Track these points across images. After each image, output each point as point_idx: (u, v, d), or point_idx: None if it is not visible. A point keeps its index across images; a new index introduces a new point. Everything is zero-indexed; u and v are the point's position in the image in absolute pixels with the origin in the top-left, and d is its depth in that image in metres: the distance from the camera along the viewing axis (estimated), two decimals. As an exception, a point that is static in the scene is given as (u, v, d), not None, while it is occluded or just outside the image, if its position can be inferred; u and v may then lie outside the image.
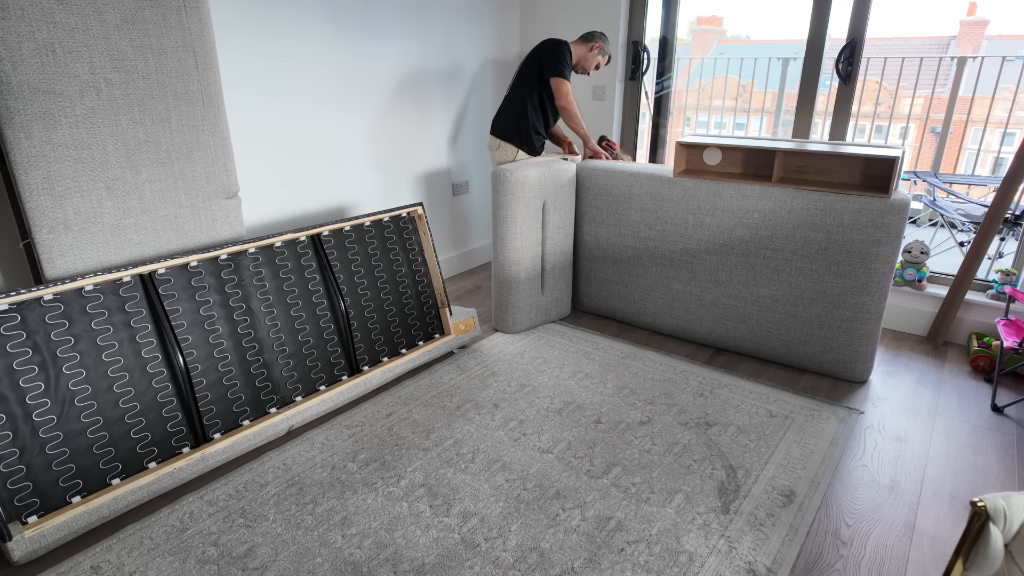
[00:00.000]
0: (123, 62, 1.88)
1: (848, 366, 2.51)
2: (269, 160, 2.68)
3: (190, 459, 1.88)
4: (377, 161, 3.17)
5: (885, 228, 2.28)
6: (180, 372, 1.91)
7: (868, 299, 2.38)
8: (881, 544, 1.69)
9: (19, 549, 1.56)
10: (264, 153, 2.66)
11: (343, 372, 2.32)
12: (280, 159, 2.73)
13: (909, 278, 2.95)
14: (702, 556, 1.62)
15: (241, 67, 2.48)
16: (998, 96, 4.14)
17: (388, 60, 3.08)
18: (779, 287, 2.56)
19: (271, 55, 2.58)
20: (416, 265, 2.60)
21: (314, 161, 2.87)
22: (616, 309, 3.08)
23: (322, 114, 2.84)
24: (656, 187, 2.75)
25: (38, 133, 1.75)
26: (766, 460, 2.01)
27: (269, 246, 2.16)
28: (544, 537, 1.68)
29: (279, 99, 2.65)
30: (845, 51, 2.88)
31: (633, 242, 2.89)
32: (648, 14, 3.47)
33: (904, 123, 5.50)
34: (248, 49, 2.49)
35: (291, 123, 2.73)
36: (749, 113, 6.09)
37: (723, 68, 4.97)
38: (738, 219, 2.57)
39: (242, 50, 2.47)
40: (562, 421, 2.22)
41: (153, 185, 2.02)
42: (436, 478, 1.91)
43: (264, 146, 2.65)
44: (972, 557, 0.95)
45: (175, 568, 1.58)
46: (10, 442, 1.60)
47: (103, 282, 1.80)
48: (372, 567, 1.58)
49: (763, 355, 2.70)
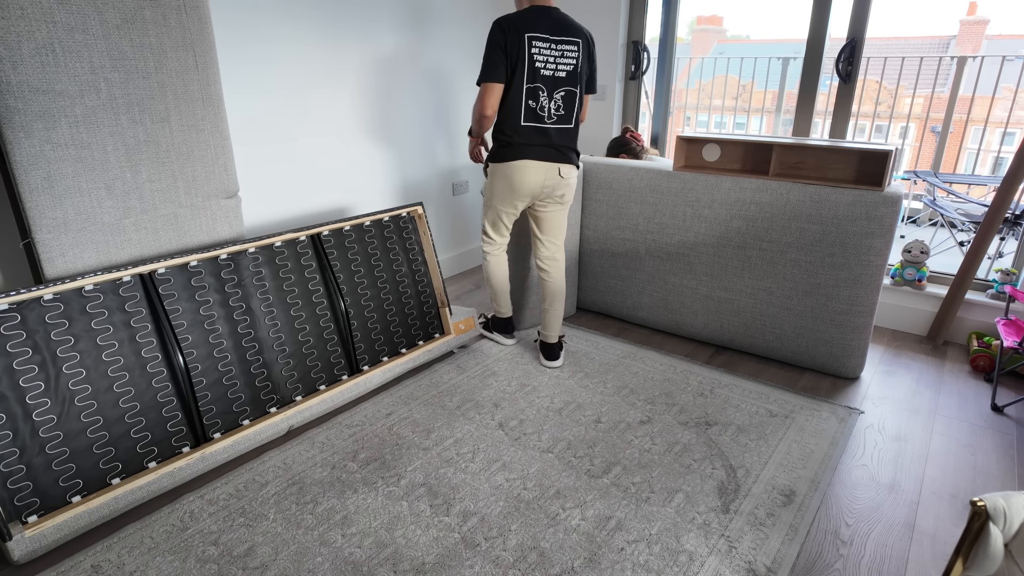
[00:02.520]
0: (123, 62, 1.88)
1: (841, 360, 2.51)
2: (269, 160, 2.68)
3: (190, 459, 1.88)
4: (377, 161, 3.17)
5: (879, 220, 2.29)
6: (180, 372, 1.91)
7: (861, 291, 2.40)
8: (881, 544, 1.69)
9: (19, 549, 1.56)
10: (264, 153, 2.66)
11: (343, 372, 2.32)
12: (280, 159, 2.73)
13: (909, 278, 2.95)
14: (702, 556, 1.63)
15: (241, 67, 2.48)
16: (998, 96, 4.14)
17: (388, 60, 3.08)
18: (774, 279, 2.57)
19: (271, 56, 2.58)
20: (416, 265, 2.60)
21: (314, 161, 2.87)
22: (613, 304, 3.08)
23: (322, 114, 2.84)
24: (655, 180, 2.76)
25: (38, 133, 1.75)
26: (766, 460, 2.01)
27: (269, 246, 2.16)
28: (544, 536, 1.68)
29: (279, 99, 2.65)
30: (845, 51, 2.88)
31: (631, 235, 2.89)
32: (648, 14, 3.47)
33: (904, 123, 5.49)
34: (248, 49, 2.49)
35: (291, 123, 2.73)
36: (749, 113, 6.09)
37: (723, 68, 4.97)
38: (735, 211, 2.58)
39: (242, 51, 2.47)
40: (562, 421, 2.22)
41: (153, 185, 2.02)
42: (436, 477, 1.91)
43: (264, 146, 2.65)
44: (972, 557, 0.95)
45: (175, 567, 1.58)
46: (10, 442, 1.60)
47: (103, 282, 1.80)
48: (372, 566, 1.58)
49: (757, 350, 2.71)
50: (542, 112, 2.31)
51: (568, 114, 2.36)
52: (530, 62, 2.23)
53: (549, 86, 2.29)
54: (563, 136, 2.37)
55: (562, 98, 2.33)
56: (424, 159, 3.44)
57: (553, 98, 2.32)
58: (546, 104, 2.31)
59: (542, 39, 2.23)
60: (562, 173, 2.40)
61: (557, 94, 2.32)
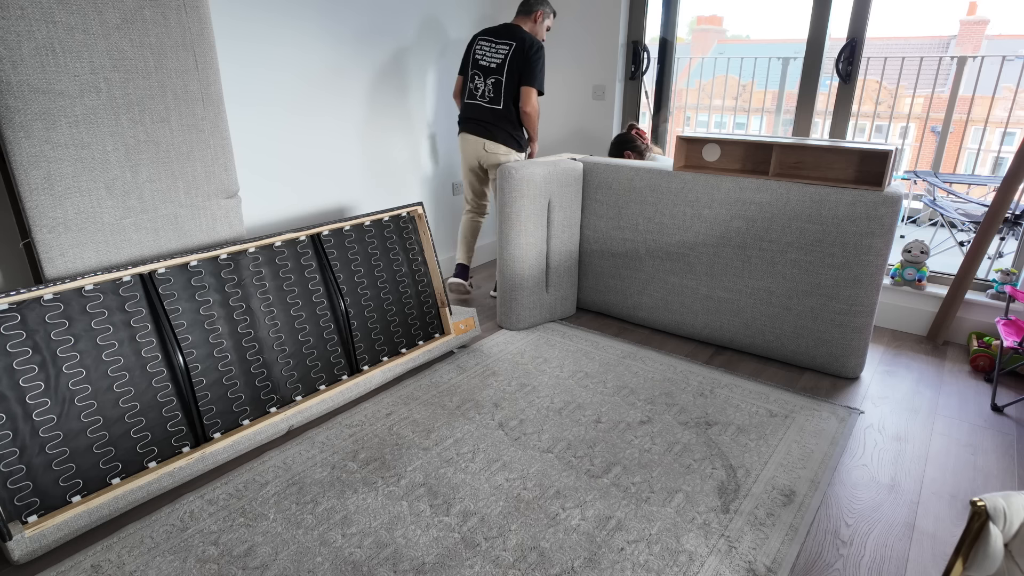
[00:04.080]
0: (123, 62, 1.88)
1: (841, 360, 2.51)
2: (269, 160, 2.68)
3: (190, 459, 1.88)
4: (377, 161, 3.17)
5: (878, 220, 2.30)
6: (180, 372, 1.91)
7: (861, 291, 2.40)
8: (881, 544, 1.69)
9: (19, 549, 1.56)
10: (264, 153, 2.66)
11: (343, 372, 2.32)
12: (280, 158, 2.72)
13: (909, 278, 2.95)
14: (702, 556, 1.63)
15: (241, 67, 2.48)
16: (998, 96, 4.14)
17: (388, 60, 3.08)
18: (774, 279, 2.57)
19: (271, 55, 2.58)
20: (416, 265, 2.60)
21: (314, 161, 2.87)
22: (612, 304, 3.08)
23: (322, 114, 2.84)
24: (656, 180, 2.76)
25: (38, 133, 1.75)
26: (766, 460, 2.01)
27: (269, 246, 2.16)
28: (544, 536, 1.68)
29: (279, 99, 2.65)
30: (845, 51, 2.88)
31: (632, 235, 2.89)
32: (648, 14, 3.47)
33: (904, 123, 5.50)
34: (248, 49, 2.49)
35: (291, 123, 2.73)
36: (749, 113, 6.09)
37: (723, 68, 4.97)
38: (735, 211, 2.58)
39: (242, 50, 2.47)
40: (562, 421, 2.22)
41: (153, 184, 2.02)
42: (436, 477, 1.91)
43: (264, 146, 2.65)
44: (972, 557, 0.95)
45: (175, 567, 1.58)
46: (10, 442, 1.60)
47: (103, 282, 1.80)
48: (372, 566, 1.58)
49: (757, 350, 2.71)
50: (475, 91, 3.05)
51: (497, 97, 2.99)
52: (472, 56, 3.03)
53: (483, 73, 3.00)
54: (492, 115, 3.00)
55: (492, 84, 2.99)
56: (424, 159, 3.44)
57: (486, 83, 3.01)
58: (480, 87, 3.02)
59: (487, 40, 3.00)
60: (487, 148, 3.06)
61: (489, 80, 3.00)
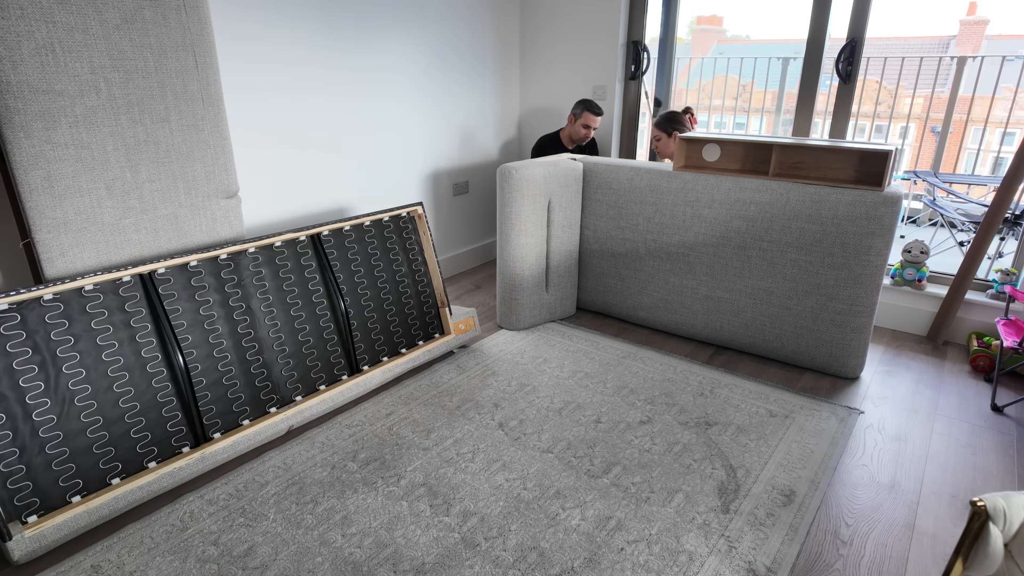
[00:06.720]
0: (123, 62, 1.88)
1: (841, 360, 2.51)
2: (269, 160, 2.68)
3: (190, 459, 1.88)
4: (377, 161, 3.17)
5: (878, 220, 2.30)
6: (180, 372, 1.91)
7: (861, 291, 2.40)
8: (881, 544, 1.69)
9: (19, 549, 1.56)
10: (264, 153, 2.66)
11: (343, 372, 2.32)
12: (280, 159, 2.72)
13: (909, 278, 2.95)
14: (702, 556, 1.63)
15: (241, 67, 2.48)
16: (998, 96, 4.14)
17: (387, 61, 3.08)
18: (774, 279, 2.57)
19: (271, 55, 2.58)
20: (416, 265, 2.60)
21: (314, 161, 2.87)
22: (612, 304, 3.08)
23: (322, 114, 2.84)
24: (656, 180, 2.76)
25: (38, 133, 1.75)
26: (766, 460, 2.01)
27: (269, 246, 2.16)
28: (544, 536, 1.68)
29: (279, 99, 2.65)
30: (845, 51, 2.88)
31: (632, 235, 2.90)
32: (648, 14, 3.47)
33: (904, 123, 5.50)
34: (248, 49, 2.49)
35: (291, 123, 2.73)
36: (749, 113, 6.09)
37: (723, 68, 4.97)
38: (735, 211, 2.58)
39: (242, 51, 2.47)
40: (562, 421, 2.22)
41: (153, 185, 2.02)
42: (436, 477, 1.91)
43: (264, 146, 2.65)
44: (972, 557, 0.95)
45: (175, 567, 1.58)
46: (10, 442, 1.60)
47: (103, 282, 1.80)
48: (372, 566, 1.58)
49: (757, 350, 2.71)
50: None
51: None
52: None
53: None
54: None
55: None
56: (424, 159, 3.44)
57: None
58: None
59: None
60: None
61: None
